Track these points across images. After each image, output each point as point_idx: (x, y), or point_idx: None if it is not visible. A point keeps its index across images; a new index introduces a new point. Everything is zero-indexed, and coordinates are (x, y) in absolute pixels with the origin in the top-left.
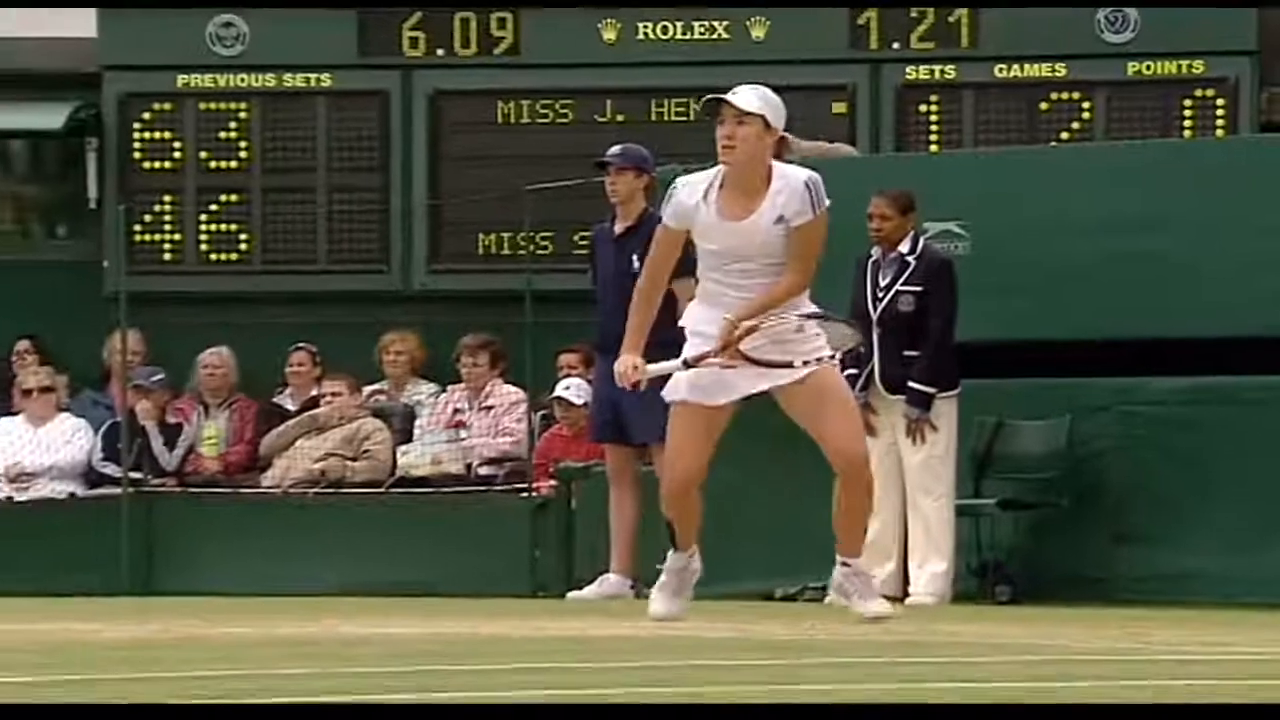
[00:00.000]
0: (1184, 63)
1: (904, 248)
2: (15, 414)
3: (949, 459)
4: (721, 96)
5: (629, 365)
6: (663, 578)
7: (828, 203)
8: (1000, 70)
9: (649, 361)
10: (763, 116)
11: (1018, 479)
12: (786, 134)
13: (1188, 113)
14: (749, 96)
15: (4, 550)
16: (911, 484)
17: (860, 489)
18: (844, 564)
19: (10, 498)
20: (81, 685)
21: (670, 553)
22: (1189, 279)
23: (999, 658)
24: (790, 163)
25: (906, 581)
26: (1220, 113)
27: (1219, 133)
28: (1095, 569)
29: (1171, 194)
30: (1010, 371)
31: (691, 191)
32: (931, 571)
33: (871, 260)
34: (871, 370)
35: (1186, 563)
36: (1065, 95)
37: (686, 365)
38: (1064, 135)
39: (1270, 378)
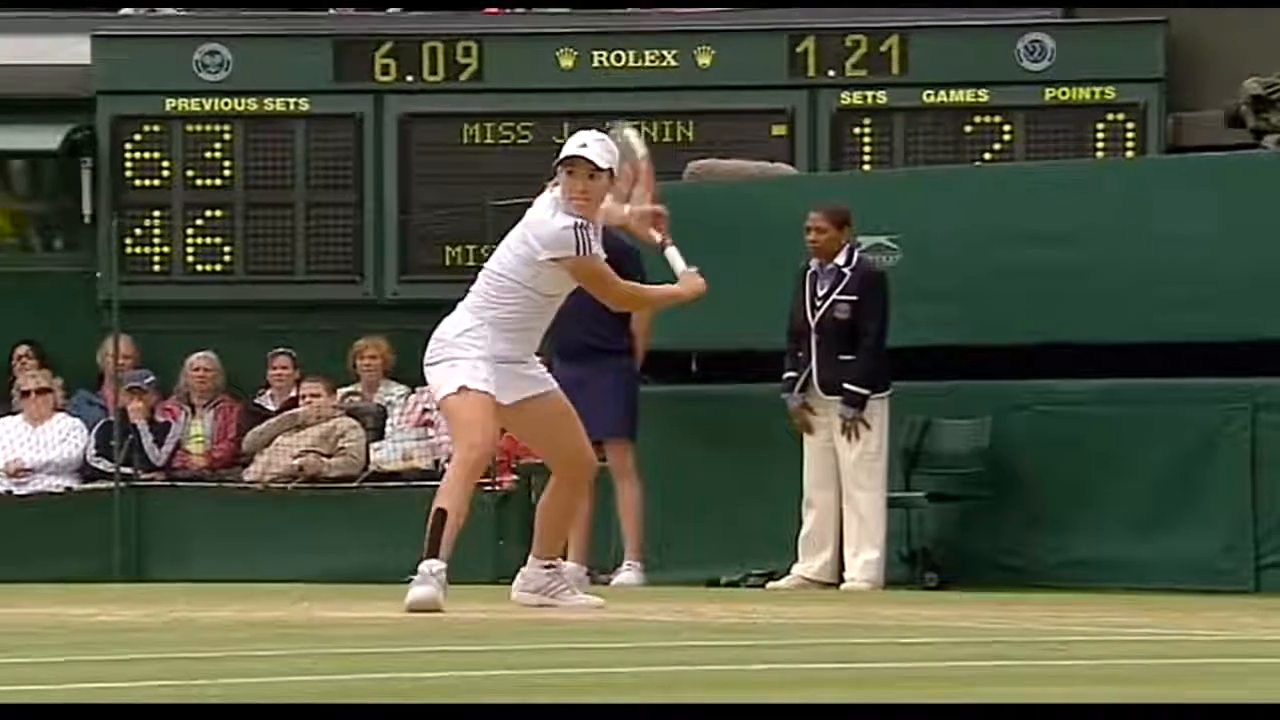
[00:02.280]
0: (1097, 89)
1: (840, 259)
2: (15, 414)
3: (881, 455)
4: (579, 154)
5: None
6: (427, 581)
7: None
8: (928, 96)
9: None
10: (609, 170)
11: (944, 473)
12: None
13: (1100, 135)
14: (600, 151)
15: (4, 540)
16: (847, 478)
17: (585, 492)
18: (548, 565)
19: (10, 491)
20: (76, 665)
21: (425, 562)
22: (1101, 289)
23: (927, 638)
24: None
25: (842, 568)
26: (1130, 135)
27: (1129, 154)
28: (1015, 556)
29: (1085, 210)
30: (937, 374)
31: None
32: (865, 559)
33: (810, 271)
34: (810, 373)
35: (1098, 550)
36: (988, 119)
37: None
38: (987, 155)
39: (1173, 380)
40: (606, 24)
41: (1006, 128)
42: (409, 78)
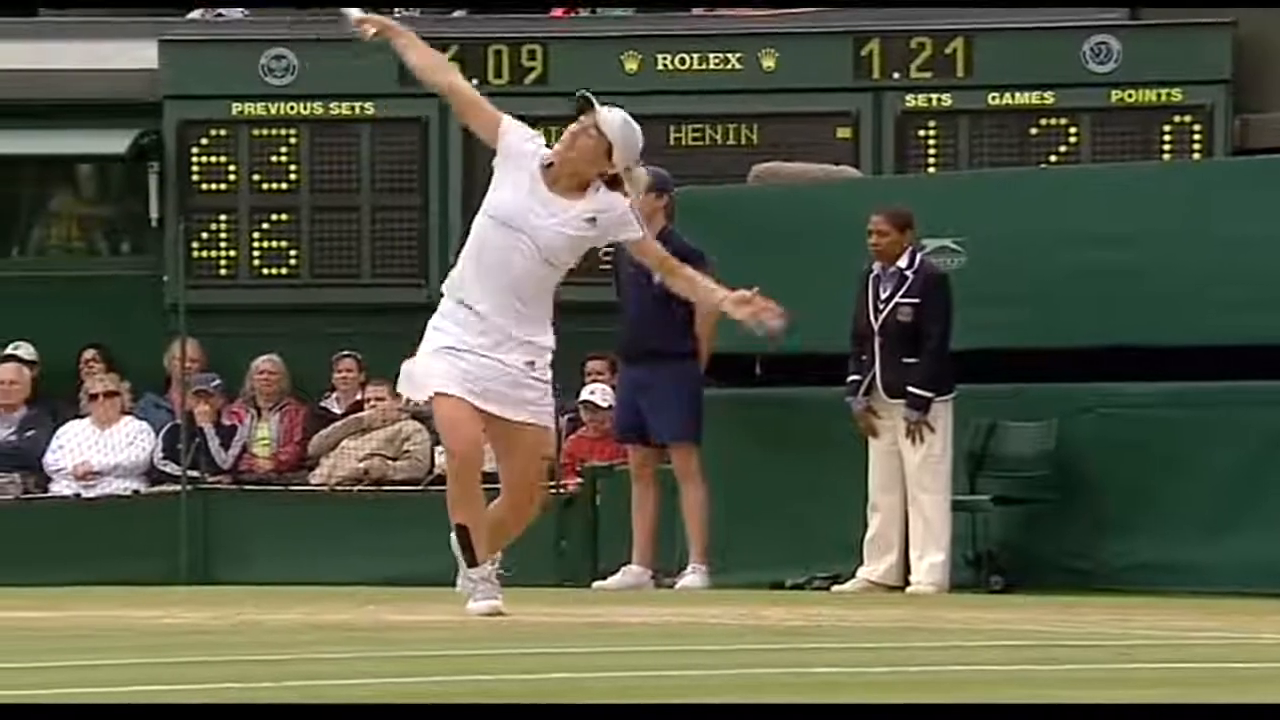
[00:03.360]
0: (1163, 91)
1: (902, 262)
2: (83, 417)
3: (946, 458)
4: (594, 103)
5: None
6: (477, 588)
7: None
8: (993, 98)
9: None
10: (611, 145)
11: (1009, 477)
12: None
13: (1166, 138)
14: (613, 121)
15: (72, 543)
16: (911, 482)
17: (519, 504)
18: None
19: (79, 494)
20: (143, 668)
21: (464, 570)
22: (1167, 291)
23: (992, 642)
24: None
25: (908, 572)
26: (1197, 138)
27: (1195, 156)
28: (1080, 560)
29: (1150, 213)
30: (1002, 377)
31: (536, 142)
32: (930, 563)
33: (872, 274)
34: (873, 376)
35: (1164, 553)
36: (1053, 121)
37: None
38: (1052, 158)
39: (1239, 383)
40: (671, 27)
41: (1072, 130)
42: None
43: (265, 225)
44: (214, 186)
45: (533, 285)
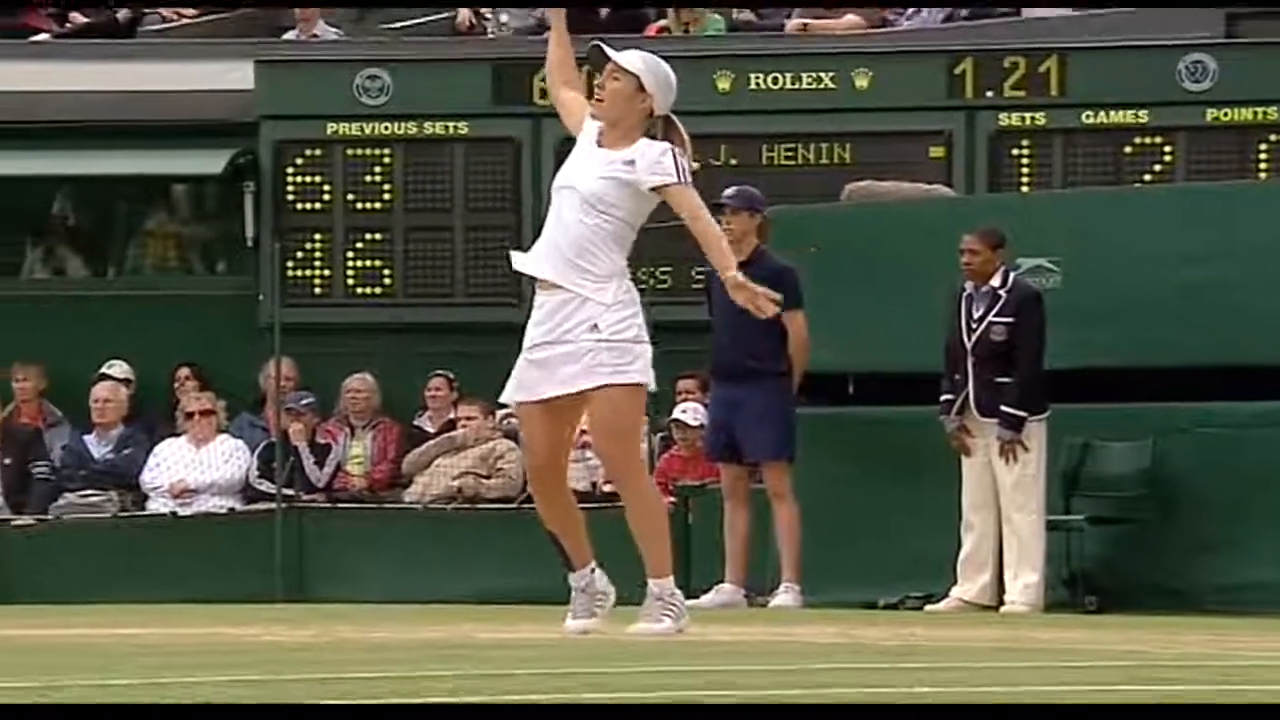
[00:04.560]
0: (1260, 110)
1: (995, 281)
2: (179, 435)
3: (1040, 478)
4: (603, 48)
5: None
6: (574, 601)
7: (688, 180)
8: (1087, 117)
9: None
10: (637, 77)
11: (1104, 496)
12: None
13: (1263, 156)
14: (630, 54)
15: (169, 560)
16: (1005, 501)
17: (629, 500)
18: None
19: (175, 512)
20: (242, 685)
21: (570, 577)
22: (1263, 310)
23: (1087, 662)
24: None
25: (1002, 591)
26: None
27: None
28: (1177, 580)
29: (1246, 232)
30: (1097, 397)
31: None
32: (1025, 583)
33: (965, 294)
34: (966, 395)
35: (1261, 574)
36: (1148, 140)
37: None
38: (1147, 177)
39: None
40: (764, 46)
41: (1167, 149)
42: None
43: (359, 244)
44: (309, 206)
45: (584, 235)
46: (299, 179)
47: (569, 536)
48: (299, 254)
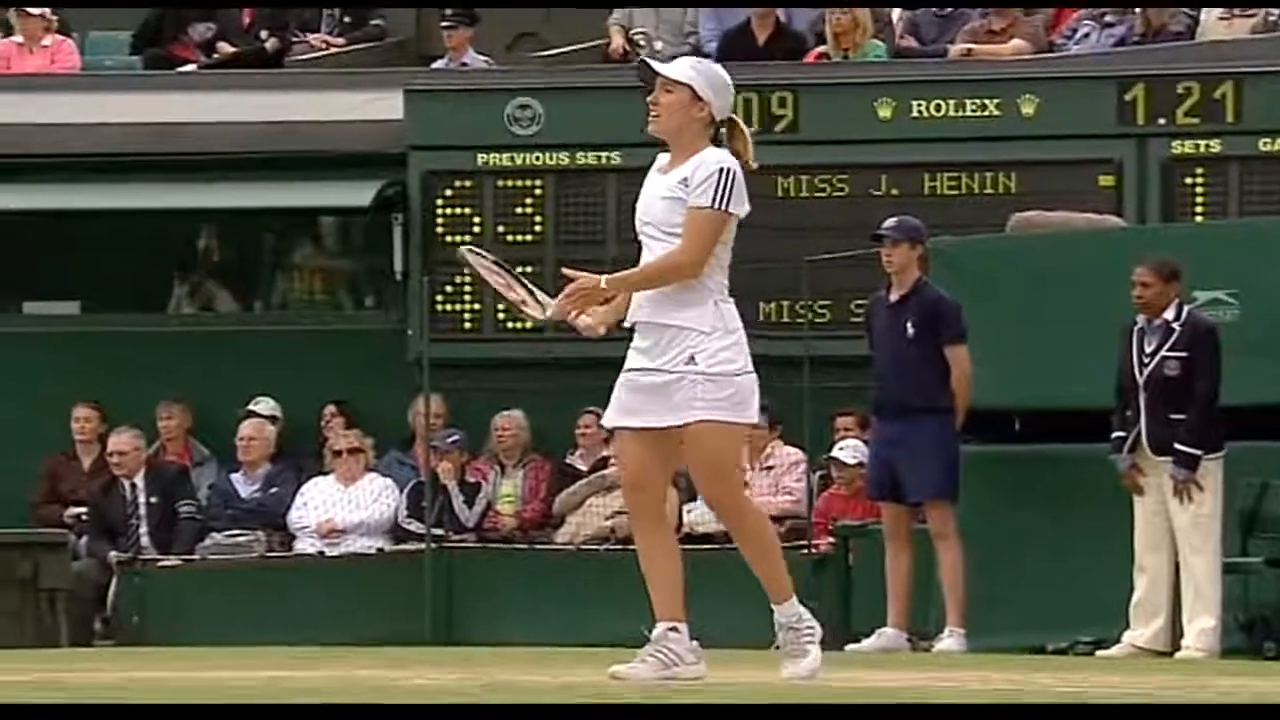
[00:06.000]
0: None
1: (1169, 314)
2: (327, 474)
3: (1216, 518)
4: (650, 62)
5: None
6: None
7: (736, 208)
8: (1265, 143)
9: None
10: (690, 86)
11: None
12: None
13: None
14: (679, 64)
15: (316, 602)
16: (1180, 542)
17: (736, 533)
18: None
19: (322, 552)
20: None
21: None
22: None
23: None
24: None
25: (1177, 636)
26: None
27: None
28: None
29: None
30: (1275, 434)
31: (660, 159)
32: (1200, 627)
33: (1137, 328)
34: (1139, 433)
35: None
36: None
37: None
38: None
39: None
40: (926, 73)
41: None
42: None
43: None
44: (458, 238)
45: None
46: (448, 211)
47: (655, 580)
48: (448, 288)
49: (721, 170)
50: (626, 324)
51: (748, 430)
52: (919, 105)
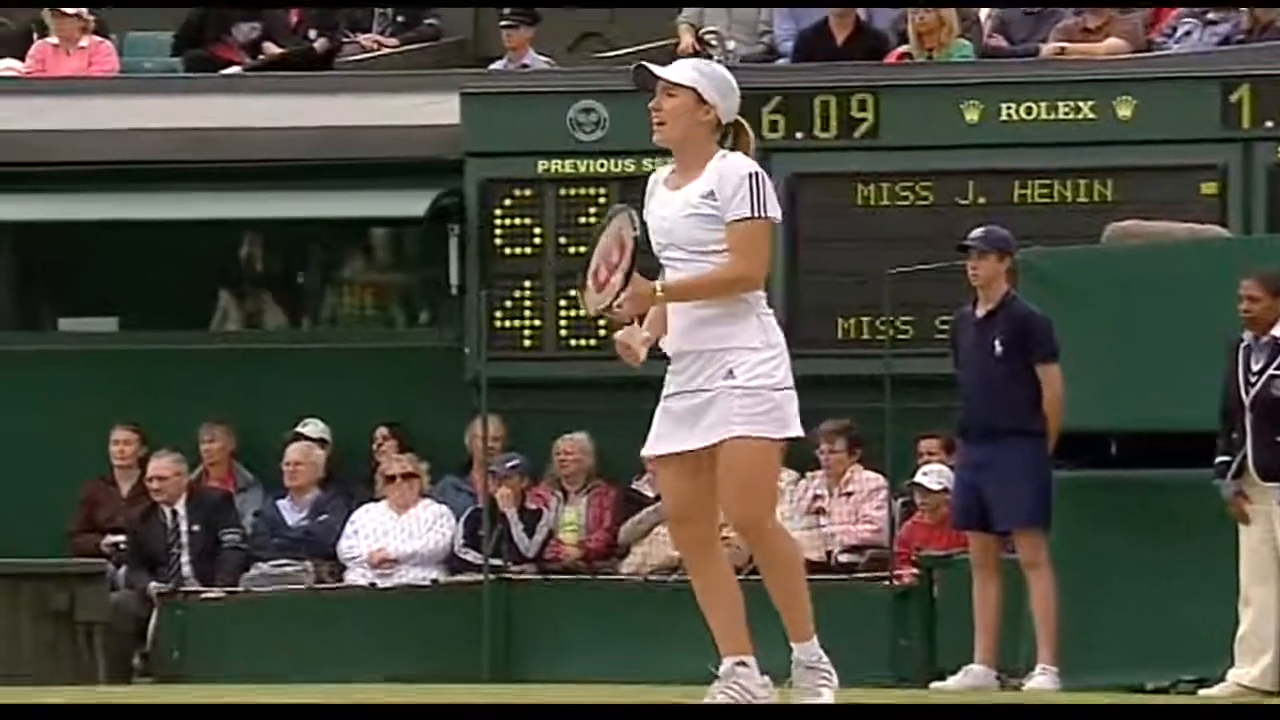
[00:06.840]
0: None
1: (1277, 331)
2: (379, 500)
3: None
4: (649, 67)
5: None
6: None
7: (774, 212)
8: None
9: None
10: (694, 89)
11: None
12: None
13: None
14: (680, 67)
15: (367, 636)
16: None
17: (763, 561)
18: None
19: (374, 583)
20: None
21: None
22: None
23: None
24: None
25: None
26: None
27: None
28: None
29: None
30: None
31: (658, 174)
32: None
33: (1243, 345)
34: (1244, 456)
35: None
36: None
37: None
38: None
39: None
40: (1016, 74)
41: None
42: (798, 134)
43: (573, 292)
44: (518, 250)
45: None
46: (508, 221)
47: (714, 615)
48: (507, 303)
49: (751, 175)
50: (665, 350)
51: (784, 448)
52: (1008, 108)
